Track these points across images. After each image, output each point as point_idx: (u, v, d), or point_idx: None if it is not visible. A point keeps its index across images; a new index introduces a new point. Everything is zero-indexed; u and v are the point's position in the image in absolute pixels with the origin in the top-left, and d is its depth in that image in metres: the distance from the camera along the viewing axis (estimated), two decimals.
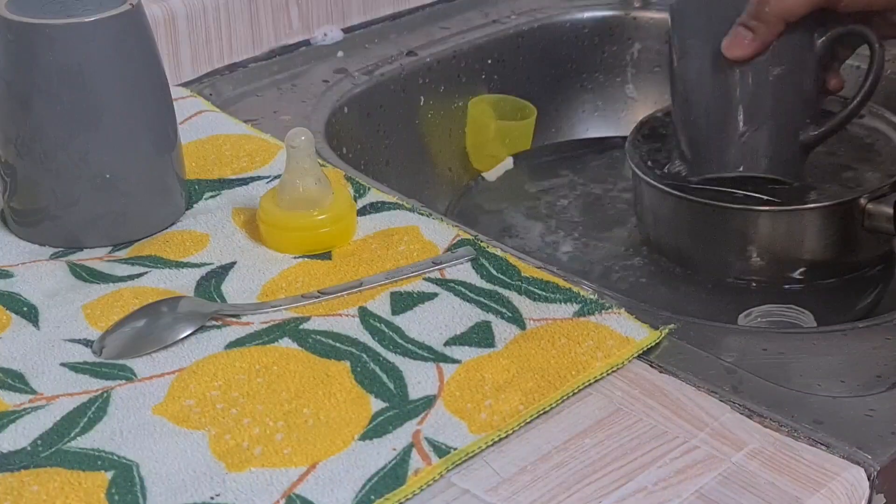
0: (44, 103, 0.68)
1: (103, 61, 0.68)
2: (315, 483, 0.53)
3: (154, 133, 0.72)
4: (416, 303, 0.65)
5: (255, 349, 0.61)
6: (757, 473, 0.54)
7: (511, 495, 0.53)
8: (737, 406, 0.58)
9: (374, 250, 0.70)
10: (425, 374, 0.60)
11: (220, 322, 0.64)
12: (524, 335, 0.63)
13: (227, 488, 0.53)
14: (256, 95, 0.92)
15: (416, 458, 0.54)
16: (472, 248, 0.70)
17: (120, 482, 0.53)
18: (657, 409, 0.58)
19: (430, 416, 0.57)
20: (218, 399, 0.58)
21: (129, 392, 0.59)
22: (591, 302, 0.65)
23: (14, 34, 0.67)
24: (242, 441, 0.55)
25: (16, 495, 0.52)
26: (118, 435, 0.56)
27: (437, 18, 1.06)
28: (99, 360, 0.61)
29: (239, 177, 0.78)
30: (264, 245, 0.71)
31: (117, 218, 0.71)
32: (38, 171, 0.69)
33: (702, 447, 0.56)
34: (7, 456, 0.55)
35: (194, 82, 0.93)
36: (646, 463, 0.55)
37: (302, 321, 0.64)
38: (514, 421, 0.57)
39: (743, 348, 0.64)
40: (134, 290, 0.66)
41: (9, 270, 0.68)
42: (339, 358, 0.61)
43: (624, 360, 0.61)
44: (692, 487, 0.53)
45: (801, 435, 0.57)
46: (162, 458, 0.54)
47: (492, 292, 0.66)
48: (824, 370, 0.63)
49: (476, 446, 0.55)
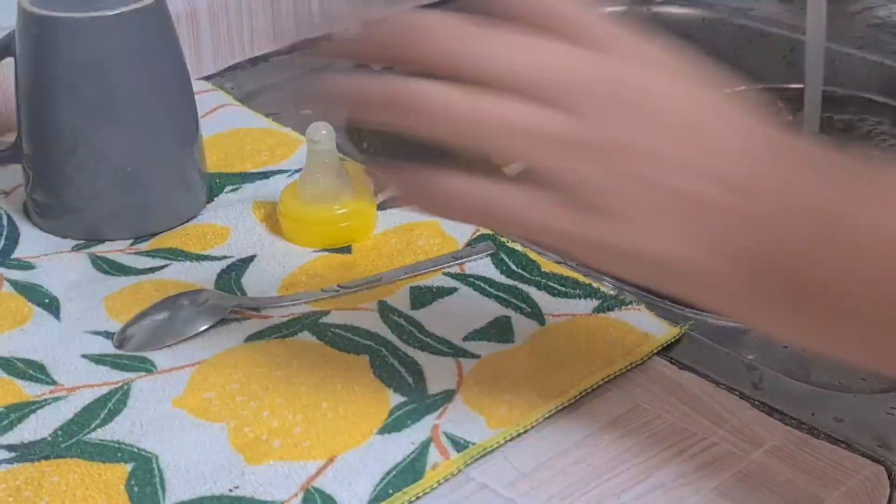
0: (66, 97, 0.68)
1: (125, 55, 0.69)
2: (333, 476, 0.53)
3: (176, 127, 0.72)
4: (435, 297, 0.65)
5: (275, 342, 0.62)
6: (776, 471, 0.54)
7: (530, 490, 0.53)
8: (756, 403, 0.58)
9: (394, 245, 0.70)
10: (444, 368, 0.60)
11: (239, 315, 0.64)
12: (544, 330, 0.63)
13: (245, 481, 0.53)
14: (278, 89, 0.92)
15: (435, 452, 0.54)
16: (491, 244, 0.70)
17: (139, 474, 0.53)
18: (676, 406, 0.58)
19: (448, 410, 0.57)
20: (237, 392, 0.58)
21: (149, 384, 0.59)
22: (611, 298, 0.65)
23: (37, 28, 0.68)
24: (261, 434, 0.55)
25: (36, 485, 0.53)
26: (138, 427, 0.56)
27: (457, 12, 1.06)
28: (119, 352, 0.61)
29: (260, 170, 0.78)
30: (284, 239, 0.71)
31: (139, 211, 0.71)
32: (61, 163, 0.70)
33: (721, 444, 0.56)
34: (28, 446, 0.55)
35: (216, 76, 0.93)
36: (665, 459, 0.55)
37: (321, 315, 0.64)
38: (533, 416, 0.57)
39: (763, 345, 0.64)
40: (155, 283, 0.67)
41: (31, 262, 0.69)
42: (359, 352, 0.61)
43: (643, 356, 0.61)
44: (711, 484, 0.53)
45: (821, 432, 0.56)
46: (181, 450, 0.55)
47: (511, 287, 0.66)
48: (845, 367, 0.63)
49: (495, 441, 0.55)
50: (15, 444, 0.55)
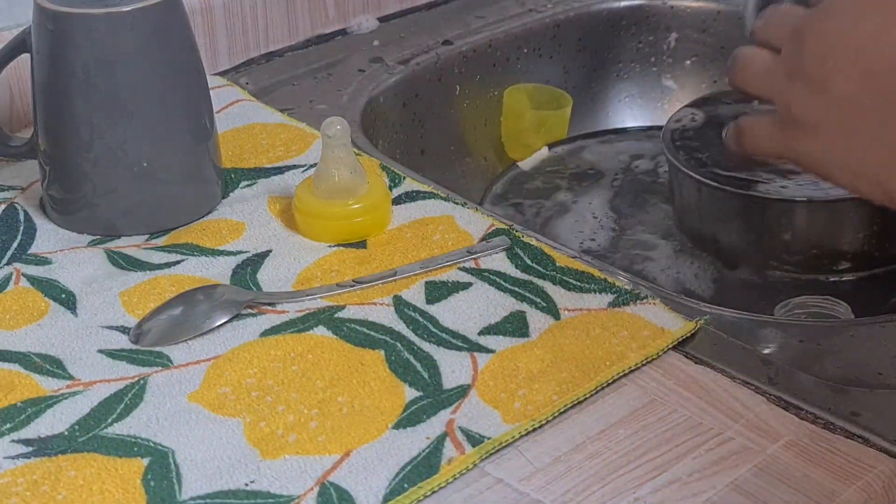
0: (82, 92, 0.68)
1: (141, 51, 0.69)
2: (349, 471, 0.53)
3: (191, 122, 0.72)
4: (450, 292, 0.65)
5: (290, 337, 0.62)
6: (792, 465, 0.54)
7: (545, 485, 0.53)
8: (772, 398, 0.58)
9: (409, 239, 0.70)
10: (459, 363, 0.60)
11: (255, 310, 0.64)
12: (559, 325, 0.63)
13: (261, 475, 0.53)
14: (292, 84, 0.93)
15: (450, 446, 0.54)
16: (506, 238, 0.70)
17: (156, 468, 0.54)
18: (692, 401, 0.58)
19: (463, 405, 0.57)
20: (253, 387, 0.58)
21: (166, 379, 0.59)
22: (626, 292, 0.65)
23: (53, 24, 0.68)
24: (277, 428, 0.56)
25: (53, 480, 0.53)
26: (154, 421, 0.56)
27: (472, 7, 1.06)
28: (136, 347, 0.62)
29: (275, 165, 0.78)
30: (300, 234, 0.71)
31: (154, 206, 0.71)
32: (77, 159, 0.70)
33: (737, 439, 0.55)
34: (45, 440, 0.55)
35: (231, 71, 0.94)
36: (680, 454, 0.55)
37: (337, 310, 0.64)
38: (548, 411, 0.57)
39: (779, 340, 0.64)
40: (170, 278, 0.67)
41: (47, 258, 0.69)
42: (374, 346, 0.61)
43: (659, 350, 0.61)
44: (727, 479, 0.53)
45: (837, 427, 0.56)
46: (197, 444, 0.55)
47: (526, 282, 0.66)
48: (861, 362, 0.63)
49: (510, 436, 0.55)
50: (32, 438, 0.55)
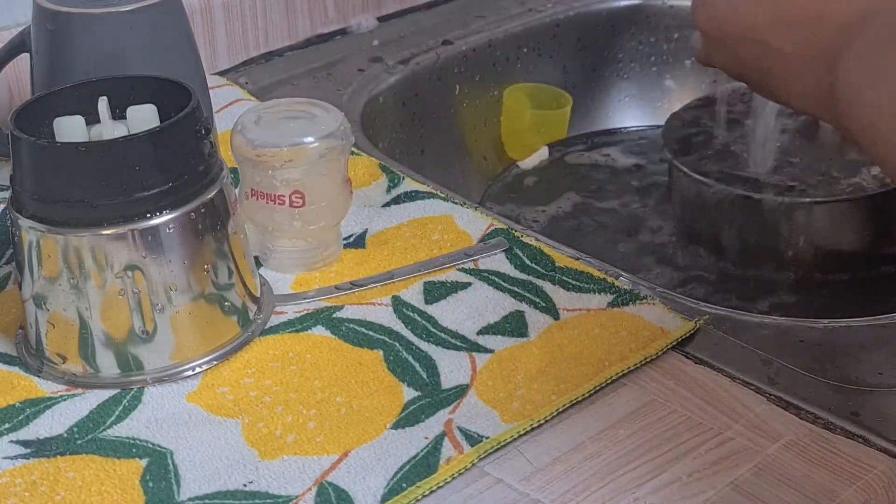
0: None
1: (140, 50, 0.69)
2: (347, 471, 0.53)
3: None
4: (449, 292, 0.65)
5: (289, 336, 0.62)
6: (792, 465, 0.54)
7: (544, 485, 0.53)
8: (772, 398, 0.58)
9: (408, 239, 0.70)
10: (458, 363, 0.60)
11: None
12: (557, 325, 0.63)
13: (259, 476, 0.53)
14: (292, 84, 0.93)
15: (449, 446, 0.54)
16: (504, 240, 0.70)
17: (154, 469, 0.53)
18: (692, 401, 0.58)
19: (462, 405, 0.57)
20: (251, 387, 0.58)
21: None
22: (626, 292, 0.65)
23: (53, 23, 0.68)
24: (275, 429, 0.56)
25: (52, 481, 0.53)
26: (153, 423, 0.56)
27: (472, 7, 1.06)
28: None
29: None
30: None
31: None
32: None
33: (737, 439, 0.55)
34: (43, 442, 0.55)
35: (230, 71, 0.94)
36: (680, 454, 0.54)
37: (335, 310, 0.64)
38: (547, 411, 0.56)
39: (779, 340, 0.64)
40: None
41: None
42: (373, 346, 0.61)
43: (658, 350, 0.61)
44: (726, 479, 0.53)
45: (837, 427, 0.56)
46: (196, 445, 0.55)
47: (525, 282, 0.66)
48: (862, 362, 0.62)
49: (508, 435, 0.55)
50: (31, 439, 0.55)
